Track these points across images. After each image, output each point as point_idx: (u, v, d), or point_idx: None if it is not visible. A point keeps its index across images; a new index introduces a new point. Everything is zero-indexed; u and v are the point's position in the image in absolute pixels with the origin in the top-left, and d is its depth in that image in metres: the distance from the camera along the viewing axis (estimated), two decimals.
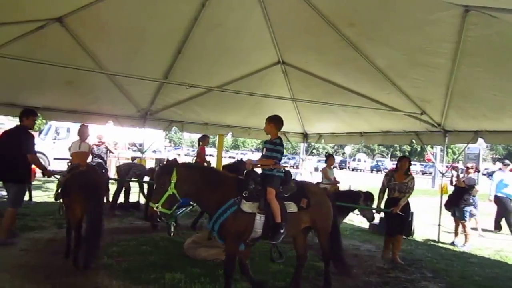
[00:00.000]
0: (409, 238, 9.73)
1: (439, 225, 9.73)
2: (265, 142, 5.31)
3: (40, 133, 23.99)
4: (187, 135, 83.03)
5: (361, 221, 11.39)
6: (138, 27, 7.59)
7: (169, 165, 4.85)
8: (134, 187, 11.25)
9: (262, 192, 4.83)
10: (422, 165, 56.54)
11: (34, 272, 5.51)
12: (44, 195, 12.28)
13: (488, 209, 16.63)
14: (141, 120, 10.91)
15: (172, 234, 6.26)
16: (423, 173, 51.86)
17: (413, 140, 10.40)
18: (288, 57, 9.39)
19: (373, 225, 10.53)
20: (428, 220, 11.06)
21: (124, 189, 10.85)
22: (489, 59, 6.35)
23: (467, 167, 9.94)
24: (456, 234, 9.52)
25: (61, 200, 6.24)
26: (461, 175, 9.75)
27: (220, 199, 4.73)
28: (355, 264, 6.98)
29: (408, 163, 7.59)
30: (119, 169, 11.11)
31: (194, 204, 7.34)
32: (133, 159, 20.14)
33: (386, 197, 7.66)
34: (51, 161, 20.09)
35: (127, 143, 21.80)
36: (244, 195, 4.75)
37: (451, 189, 9.88)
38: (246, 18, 7.94)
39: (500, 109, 7.47)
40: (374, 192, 8.25)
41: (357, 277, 6.35)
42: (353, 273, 6.18)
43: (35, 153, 6.96)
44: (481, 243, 9.59)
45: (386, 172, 8.03)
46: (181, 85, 7.52)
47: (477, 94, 7.45)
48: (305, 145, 14.02)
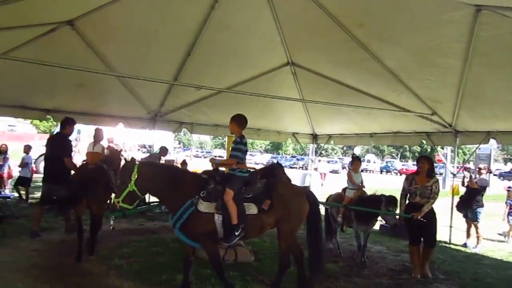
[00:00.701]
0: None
1: (450, 226, 9.65)
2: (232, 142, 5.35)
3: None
4: (196, 136, 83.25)
5: None
6: (147, 30, 7.64)
7: (132, 162, 4.91)
8: None
9: (221, 192, 4.78)
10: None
11: (46, 272, 5.56)
12: None
13: (498, 210, 16.46)
14: (151, 121, 10.97)
15: (112, 228, 6.38)
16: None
17: (424, 141, 10.33)
18: (298, 58, 9.37)
19: (383, 226, 10.47)
20: (440, 222, 10.95)
21: None
22: (501, 59, 6.28)
23: (479, 168, 9.86)
24: (468, 235, 9.43)
25: None
26: (472, 176, 9.64)
27: (181, 198, 4.76)
28: (366, 266, 6.95)
29: (428, 163, 6.66)
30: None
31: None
32: None
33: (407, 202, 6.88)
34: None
35: (137, 144, 21.92)
36: (201, 195, 4.76)
37: (461, 190, 9.79)
38: (255, 19, 7.95)
39: None
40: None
41: (368, 278, 6.32)
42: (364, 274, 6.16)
43: (71, 157, 7.50)
44: (493, 244, 9.48)
45: (406, 176, 7.09)
46: (191, 86, 7.56)
47: (488, 95, 7.38)
48: (315, 146, 13.99)
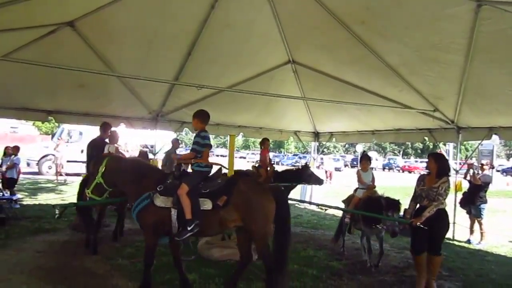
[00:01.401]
0: None
1: (454, 223, 9.61)
2: None
3: (53, 136, 24.27)
4: None
5: None
6: (148, 30, 7.63)
7: (103, 156, 5.22)
8: None
9: (177, 187, 4.81)
10: None
11: (50, 273, 5.59)
12: (57, 197, 12.40)
13: (502, 205, 16.45)
14: (152, 121, 10.96)
15: (57, 217, 6.42)
16: None
17: (426, 138, 10.29)
18: (298, 56, 9.35)
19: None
20: None
21: None
22: (503, 54, 6.24)
23: (481, 164, 9.84)
24: (472, 232, 9.41)
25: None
26: (475, 172, 9.61)
27: (140, 191, 4.87)
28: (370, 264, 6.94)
29: (435, 161, 5.75)
30: None
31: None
32: None
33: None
34: (64, 164, 20.26)
35: (139, 145, 21.91)
36: (158, 189, 4.82)
37: (465, 185, 9.76)
38: (255, 18, 7.92)
39: None
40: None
41: (372, 276, 6.32)
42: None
43: None
44: (497, 240, 9.46)
45: (419, 175, 6.22)
46: (192, 86, 7.55)
47: (491, 90, 7.34)
48: (316, 144, 13.98)
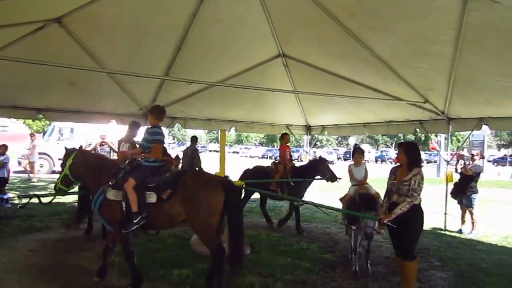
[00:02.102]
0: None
1: (445, 213, 9.71)
2: None
3: (44, 134, 24.08)
4: (190, 131, 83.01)
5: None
6: (137, 25, 7.57)
7: (72, 150, 5.56)
8: None
9: (125, 181, 4.98)
10: (427, 153, 56.47)
11: (42, 272, 5.56)
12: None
13: (493, 195, 16.62)
14: (143, 117, 10.89)
15: (19, 207, 6.38)
16: (428, 161, 51.78)
17: (417, 129, 10.34)
18: (289, 49, 9.35)
19: None
20: (434, 209, 11.04)
21: None
22: (492, 44, 6.27)
23: (472, 155, 9.90)
24: (463, 221, 9.50)
25: None
26: (466, 163, 9.69)
27: (98, 186, 5.12)
28: (362, 254, 6.97)
29: (405, 152, 5.09)
30: None
31: None
32: None
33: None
34: (55, 161, 20.14)
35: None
36: (110, 183, 5.02)
37: (456, 177, 9.84)
38: (245, 11, 7.90)
39: (504, 95, 7.39)
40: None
41: (365, 267, 6.35)
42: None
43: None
44: (488, 230, 9.56)
45: (391, 169, 5.47)
46: (183, 81, 7.52)
47: (480, 81, 7.39)
48: (309, 137, 14.00)
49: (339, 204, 7.09)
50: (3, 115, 10.37)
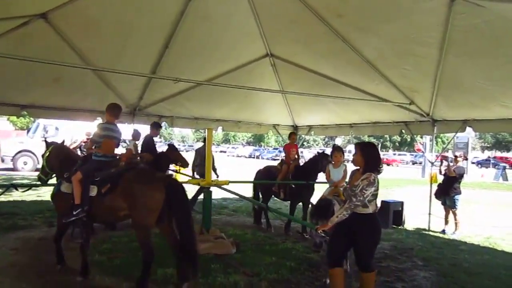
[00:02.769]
0: (399, 227, 9.83)
1: (429, 214, 9.83)
2: None
3: (28, 131, 23.75)
4: (177, 130, 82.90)
5: None
6: (124, 22, 7.49)
7: (51, 143, 6.13)
8: None
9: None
10: (412, 155, 57.23)
11: (25, 271, 5.49)
12: (34, 193, 12.16)
13: (476, 197, 16.88)
14: (130, 116, 10.80)
15: None
16: (414, 163, 52.52)
17: (403, 130, 10.44)
18: (276, 49, 9.35)
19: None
20: (419, 209, 11.16)
21: None
22: (477, 48, 6.35)
23: (455, 156, 10.03)
24: (446, 222, 9.62)
25: None
26: (450, 164, 9.82)
27: (61, 177, 5.50)
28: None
29: (361, 152, 4.53)
30: None
31: None
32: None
33: None
34: (40, 159, 19.88)
35: None
36: (65, 176, 5.34)
37: (440, 178, 9.97)
38: (233, 10, 7.87)
39: (488, 97, 7.49)
40: None
41: (348, 266, 6.38)
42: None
43: (152, 153, 9.09)
44: (471, 230, 9.70)
45: (351, 172, 4.95)
46: (169, 79, 7.48)
47: (465, 83, 7.47)
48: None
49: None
50: None
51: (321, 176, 8.48)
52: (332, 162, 7.09)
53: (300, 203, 8.81)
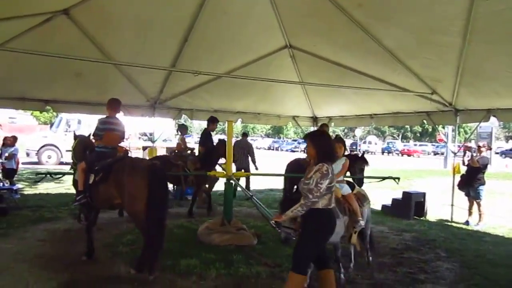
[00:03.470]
0: (421, 218, 9.73)
1: (452, 205, 9.70)
2: None
3: (52, 126, 24.24)
4: (196, 123, 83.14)
5: (373, 203, 11.40)
6: (144, 16, 7.56)
7: (77, 136, 6.87)
8: None
9: None
10: (434, 145, 56.17)
11: (52, 262, 5.62)
12: (58, 186, 12.44)
13: (500, 187, 16.54)
14: (150, 109, 10.94)
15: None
16: (435, 153, 51.59)
17: (424, 121, 10.30)
18: (296, 41, 9.30)
19: (386, 206, 10.54)
20: (441, 200, 11.02)
21: None
22: (501, 35, 6.20)
23: (479, 146, 9.83)
24: (470, 213, 9.47)
25: None
26: (473, 155, 9.65)
27: None
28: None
29: (312, 143, 4.25)
30: None
31: None
32: (144, 148, 20.34)
33: None
34: (63, 153, 20.30)
35: (137, 132, 21.95)
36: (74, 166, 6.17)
37: (463, 168, 9.81)
38: (251, 2, 7.86)
39: None
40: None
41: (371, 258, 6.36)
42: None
43: (206, 146, 9.34)
44: (495, 221, 9.54)
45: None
46: (189, 72, 7.52)
47: (488, 72, 7.32)
48: (315, 129, 13.95)
49: None
50: (11, 106, 10.45)
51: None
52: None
53: None
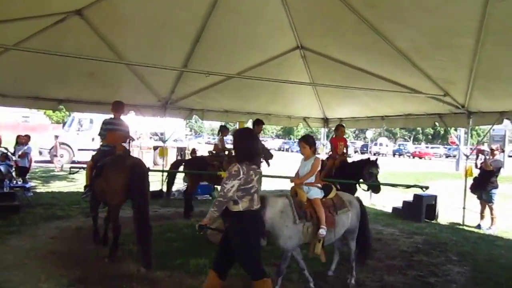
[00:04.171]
0: (432, 221, 9.65)
1: (463, 208, 9.60)
2: None
3: (64, 125, 24.47)
4: (207, 123, 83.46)
5: (384, 205, 11.35)
6: (156, 17, 7.62)
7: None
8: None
9: None
10: (446, 148, 55.62)
11: (63, 259, 5.68)
12: (70, 185, 12.57)
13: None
14: (162, 109, 11.02)
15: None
16: (447, 156, 51.07)
17: (436, 123, 10.20)
18: (307, 41, 9.29)
19: (396, 209, 10.47)
20: (453, 203, 10.92)
21: None
22: None
23: (491, 149, 9.72)
24: (482, 217, 9.37)
25: None
26: (487, 158, 9.53)
27: None
28: (378, 248, 6.95)
29: (233, 142, 4.30)
30: None
31: None
32: (155, 148, 20.47)
33: None
34: (75, 152, 20.48)
35: (148, 132, 22.09)
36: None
37: (475, 171, 9.70)
38: (263, 3, 7.87)
39: None
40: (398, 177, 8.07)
41: (380, 260, 6.33)
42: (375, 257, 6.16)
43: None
44: (507, 225, 9.42)
45: None
46: (201, 73, 7.55)
47: (503, 74, 7.23)
48: (326, 130, 13.93)
49: None
50: (24, 105, 10.59)
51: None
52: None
53: None
